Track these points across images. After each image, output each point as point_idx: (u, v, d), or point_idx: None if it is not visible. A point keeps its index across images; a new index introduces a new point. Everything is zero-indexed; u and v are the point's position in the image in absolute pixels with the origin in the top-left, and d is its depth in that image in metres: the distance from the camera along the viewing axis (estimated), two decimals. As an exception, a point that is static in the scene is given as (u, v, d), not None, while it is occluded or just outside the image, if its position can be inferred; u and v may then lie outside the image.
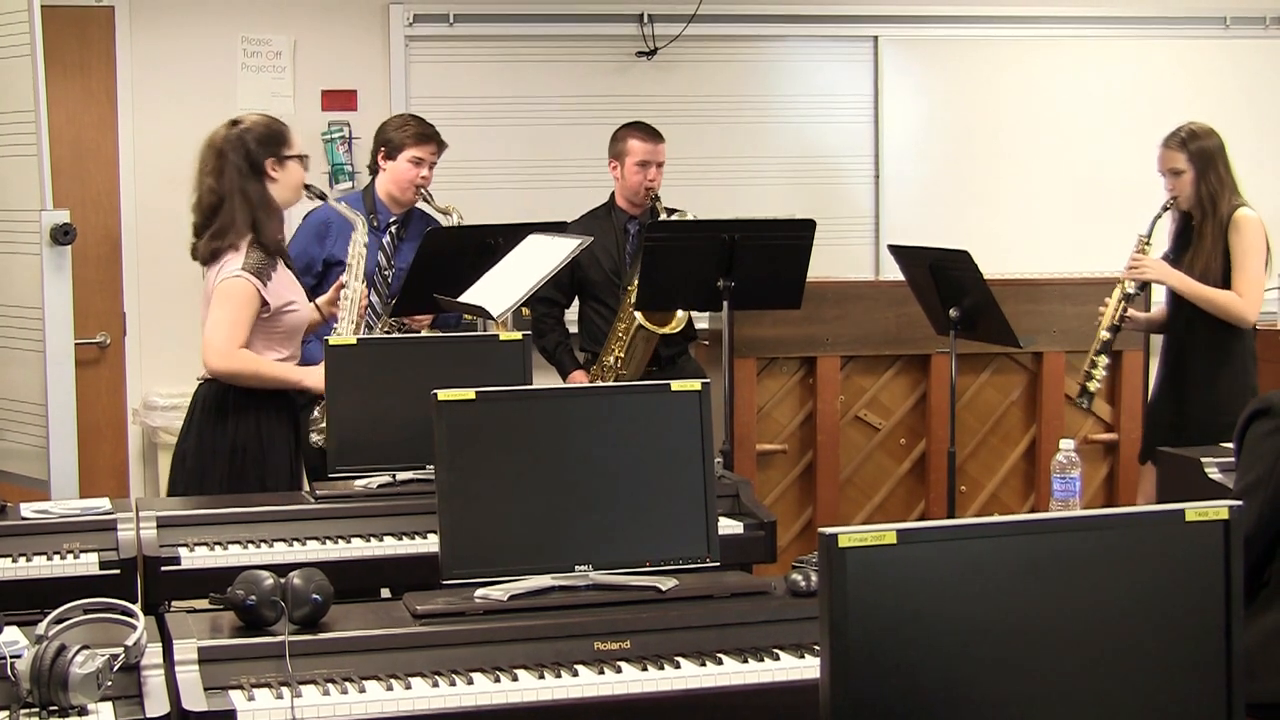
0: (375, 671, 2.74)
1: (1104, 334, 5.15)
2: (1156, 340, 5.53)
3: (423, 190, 5.28)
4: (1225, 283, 5.01)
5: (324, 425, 4.35)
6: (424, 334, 5.19)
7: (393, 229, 5.31)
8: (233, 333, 4.22)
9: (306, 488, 4.34)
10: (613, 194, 5.76)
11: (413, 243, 5.28)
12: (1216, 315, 5.00)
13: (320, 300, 4.65)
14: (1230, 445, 4.44)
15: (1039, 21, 6.94)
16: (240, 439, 4.31)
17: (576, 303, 5.83)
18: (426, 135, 5.30)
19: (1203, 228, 5.05)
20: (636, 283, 5.27)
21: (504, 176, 6.50)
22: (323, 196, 4.62)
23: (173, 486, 4.40)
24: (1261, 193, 7.02)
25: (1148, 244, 5.16)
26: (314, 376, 4.35)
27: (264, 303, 4.24)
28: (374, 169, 5.40)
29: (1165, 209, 5.15)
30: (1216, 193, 5.03)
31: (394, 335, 5.07)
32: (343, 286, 4.59)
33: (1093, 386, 5.18)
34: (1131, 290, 5.17)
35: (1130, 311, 5.20)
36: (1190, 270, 5.04)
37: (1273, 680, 2.93)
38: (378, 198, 5.34)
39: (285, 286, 4.34)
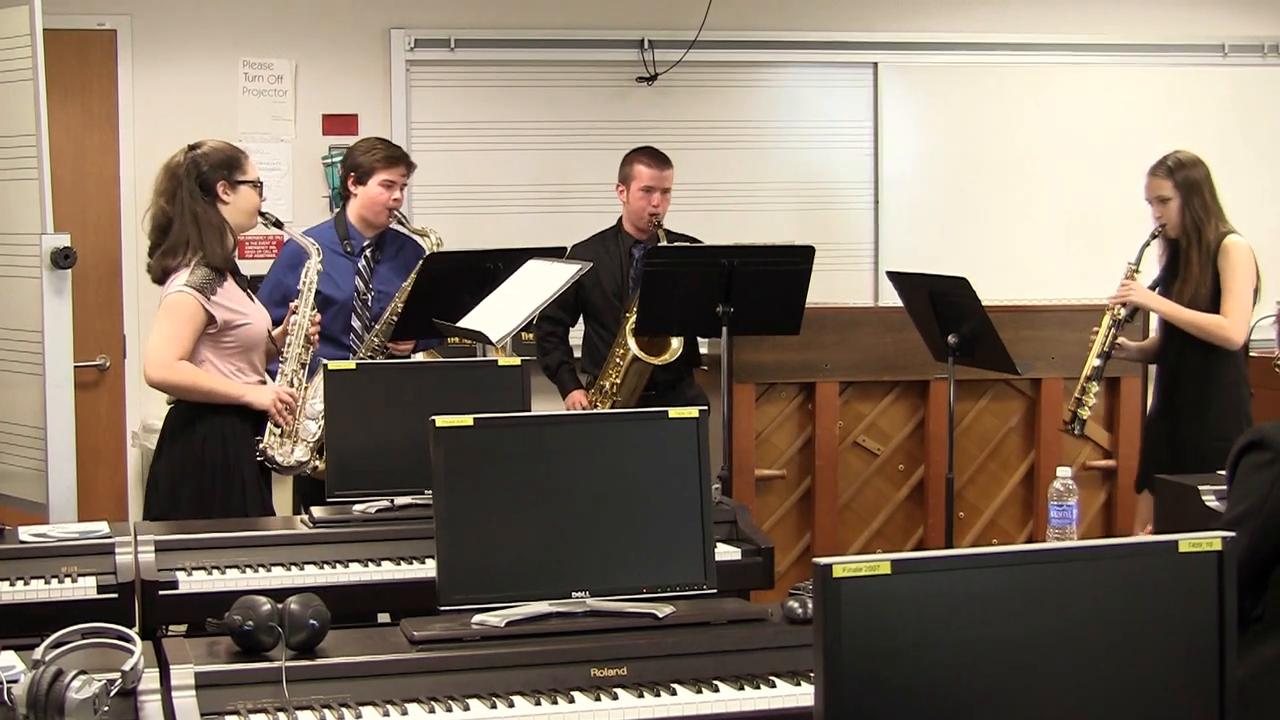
0: (372, 697, 2.74)
1: (1095, 361, 5.16)
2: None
3: (396, 212, 5.28)
4: (1214, 309, 5.02)
5: (263, 446, 4.41)
6: (421, 359, 5.19)
7: (367, 252, 5.31)
8: (171, 345, 4.29)
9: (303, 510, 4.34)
10: (620, 218, 5.77)
11: (390, 264, 5.29)
12: (1203, 339, 5.02)
13: (275, 332, 4.63)
14: (1224, 472, 4.47)
15: (1038, 49, 6.96)
16: (208, 458, 4.36)
17: (581, 323, 5.84)
18: (395, 158, 5.30)
19: (1189, 254, 5.07)
20: (635, 309, 5.29)
21: (504, 201, 6.51)
22: (279, 224, 4.67)
23: (148, 510, 4.44)
24: (1259, 220, 7.06)
25: (1136, 271, 5.18)
26: (257, 393, 4.41)
27: (210, 318, 4.31)
28: (344, 195, 5.41)
29: (1154, 236, 5.18)
30: (1202, 220, 5.05)
31: (392, 361, 5.07)
32: (293, 313, 4.60)
33: (1084, 414, 5.18)
34: (1121, 316, 5.18)
35: (1122, 340, 5.20)
36: (1179, 297, 5.06)
37: (1271, 713, 2.93)
38: (350, 223, 5.32)
39: (234, 301, 4.39)
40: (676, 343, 5.51)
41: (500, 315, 4.40)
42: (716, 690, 2.84)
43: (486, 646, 2.90)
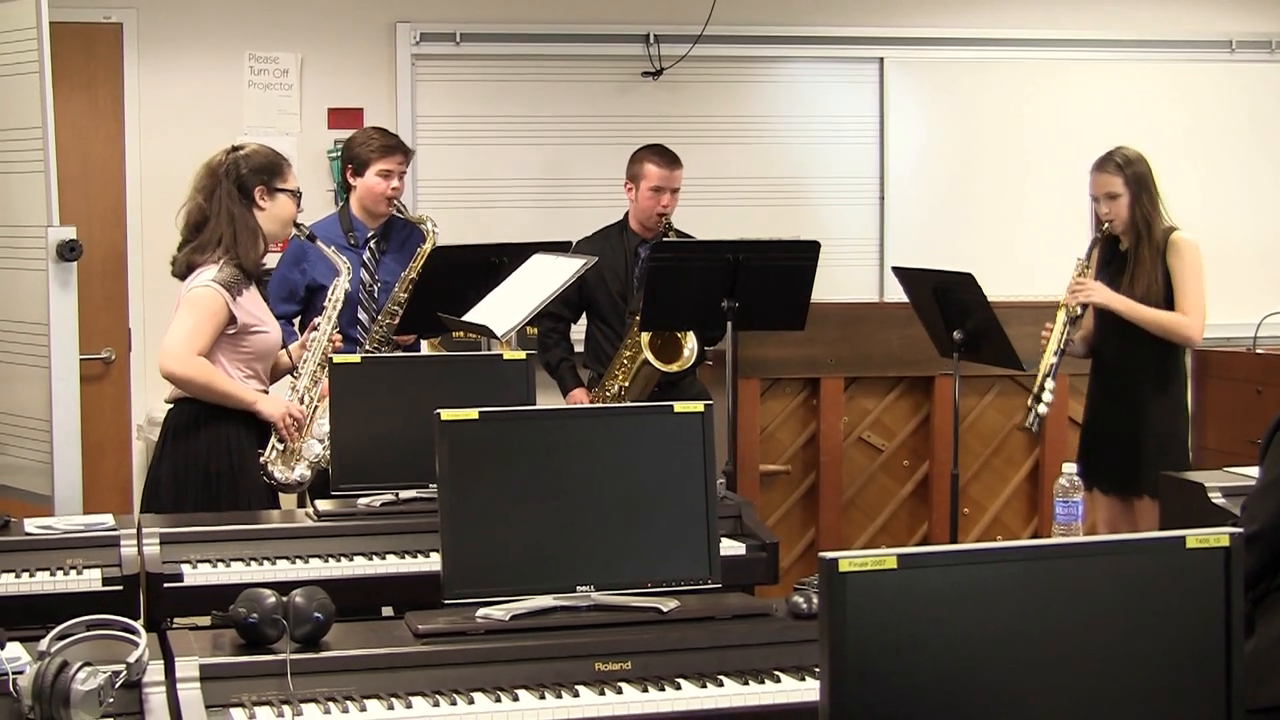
0: (376, 690, 2.74)
1: (1051, 359, 5.13)
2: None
3: (395, 201, 5.29)
4: (1168, 306, 5.00)
5: (263, 461, 4.34)
6: (426, 352, 5.19)
7: (372, 243, 5.32)
8: (192, 339, 4.22)
9: (308, 506, 4.34)
10: (627, 214, 5.76)
11: (394, 254, 5.31)
12: (1163, 337, 4.98)
13: (293, 345, 4.62)
14: (1231, 469, 4.47)
15: (1045, 45, 6.95)
16: (213, 464, 4.29)
17: (584, 320, 5.83)
18: (391, 147, 5.31)
19: (1139, 251, 5.04)
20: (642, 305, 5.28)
21: (510, 195, 6.51)
22: (312, 238, 4.62)
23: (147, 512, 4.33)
24: (1265, 216, 7.07)
25: (1087, 268, 5.14)
26: (268, 403, 4.36)
27: (231, 317, 4.26)
28: (345, 187, 5.42)
29: (1102, 233, 5.13)
30: (1150, 215, 5.03)
31: (396, 354, 5.08)
32: (315, 329, 4.58)
33: (1042, 410, 5.15)
34: (1078, 314, 5.14)
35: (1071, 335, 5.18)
36: (1132, 293, 5.02)
37: None
38: (353, 215, 5.34)
39: (256, 307, 4.36)
40: (689, 350, 5.48)
41: (505, 309, 4.39)
42: (721, 685, 2.84)
43: (491, 640, 2.90)
